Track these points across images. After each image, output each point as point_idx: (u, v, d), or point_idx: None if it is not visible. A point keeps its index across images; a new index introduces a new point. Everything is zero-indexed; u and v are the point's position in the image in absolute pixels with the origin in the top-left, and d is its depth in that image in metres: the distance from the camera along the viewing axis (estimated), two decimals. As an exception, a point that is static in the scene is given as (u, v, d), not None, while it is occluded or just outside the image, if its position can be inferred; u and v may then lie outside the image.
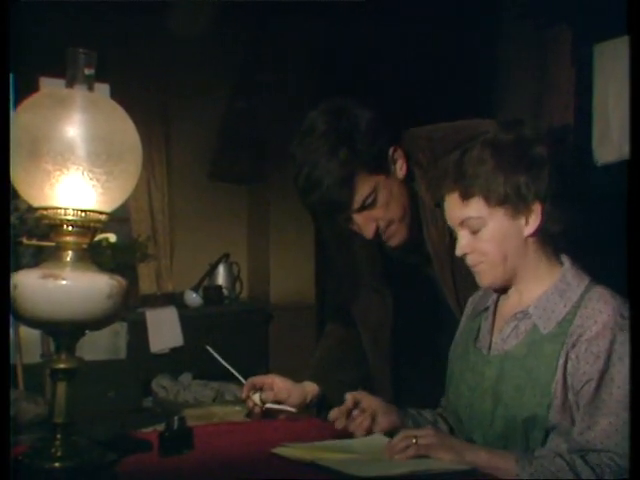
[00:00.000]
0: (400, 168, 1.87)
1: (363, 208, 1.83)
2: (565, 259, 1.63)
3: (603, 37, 3.84)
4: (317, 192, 1.80)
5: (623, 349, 1.47)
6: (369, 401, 1.74)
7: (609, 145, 3.84)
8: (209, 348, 2.03)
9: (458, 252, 1.61)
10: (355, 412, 1.73)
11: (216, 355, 2.01)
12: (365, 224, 1.85)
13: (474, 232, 1.57)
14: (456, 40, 4.57)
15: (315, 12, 4.26)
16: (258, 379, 1.95)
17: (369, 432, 1.70)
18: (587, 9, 3.81)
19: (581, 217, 1.60)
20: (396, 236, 1.89)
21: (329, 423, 1.75)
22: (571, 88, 4.23)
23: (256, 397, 1.93)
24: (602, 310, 1.51)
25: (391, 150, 1.85)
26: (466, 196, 1.55)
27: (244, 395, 1.95)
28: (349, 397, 1.74)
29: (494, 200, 1.54)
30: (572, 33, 4.15)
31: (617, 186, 2.10)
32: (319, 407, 2.00)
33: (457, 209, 1.58)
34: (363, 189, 1.81)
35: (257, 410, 1.93)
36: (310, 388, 2.01)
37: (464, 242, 1.59)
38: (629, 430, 1.41)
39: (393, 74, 4.38)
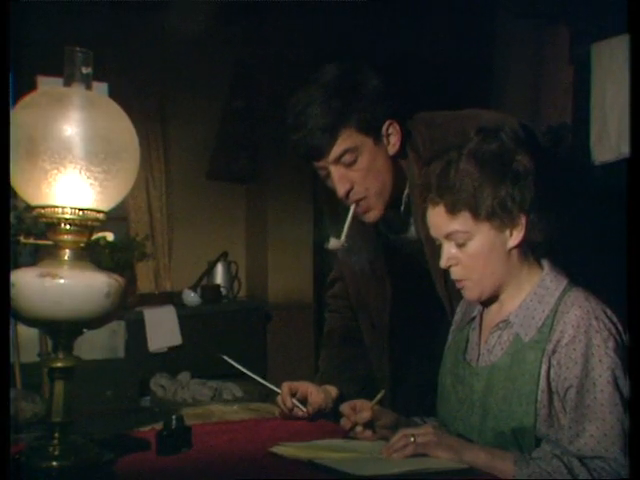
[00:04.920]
0: (393, 144, 1.87)
1: (340, 162, 1.84)
2: (545, 263, 1.62)
3: (601, 36, 3.84)
4: (300, 132, 1.83)
5: (601, 351, 1.46)
6: (386, 418, 1.72)
7: (607, 144, 3.84)
8: (226, 357, 2.04)
9: (443, 264, 1.59)
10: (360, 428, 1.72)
11: (238, 365, 2.03)
12: (340, 180, 1.86)
13: (460, 245, 1.56)
14: (455, 39, 4.58)
15: (314, 10, 4.26)
16: (294, 385, 1.97)
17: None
18: (585, 8, 3.82)
19: (565, 222, 1.60)
20: (371, 212, 1.90)
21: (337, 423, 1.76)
22: (569, 87, 4.23)
23: (295, 401, 1.95)
24: (576, 314, 1.50)
25: (387, 122, 1.86)
26: (453, 210, 1.54)
27: (284, 399, 1.95)
28: (367, 414, 1.70)
29: (481, 214, 1.53)
30: (570, 32, 4.16)
31: (615, 185, 2.10)
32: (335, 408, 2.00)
33: (443, 222, 1.56)
34: (345, 142, 1.82)
35: (301, 413, 1.94)
36: (333, 393, 2.02)
37: (449, 254, 1.58)
38: (629, 431, 1.41)
39: (392, 73, 4.37)
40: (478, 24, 4.75)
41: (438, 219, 1.57)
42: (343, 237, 1.93)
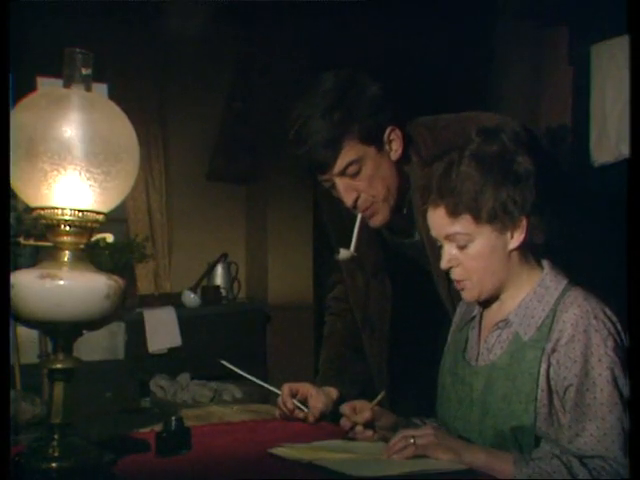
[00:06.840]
0: (395, 150, 1.87)
1: (345, 174, 1.84)
2: (545, 263, 1.62)
3: (600, 37, 3.84)
4: (303, 148, 1.82)
5: (600, 350, 1.46)
6: (386, 419, 1.72)
7: (607, 145, 3.84)
8: (225, 362, 2.04)
9: (443, 265, 1.59)
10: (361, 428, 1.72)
11: (237, 370, 2.03)
12: (346, 192, 1.86)
13: (461, 247, 1.56)
14: (454, 39, 4.58)
15: (314, 10, 4.26)
16: (294, 386, 1.97)
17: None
18: (585, 9, 3.82)
19: (565, 223, 1.60)
20: (377, 216, 1.90)
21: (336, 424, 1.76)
22: (568, 88, 4.24)
23: (296, 402, 1.95)
24: (576, 313, 1.50)
25: (389, 129, 1.85)
26: (454, 213, 1.54)
27: (285, 400, 1.95)
28: (367, 414, 1.71)
29: (483, 217, 1.53)
30: (570, 33, 4.16)
31: (614, 186, 2.10)
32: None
33: (444, 224, 1.56)
34: (348, 154, 1.81)
35: (302, 415, 1.94)
36: (333, 395, 2.02)
37: (450, 255, 1.58)
38: (629, 430, 1.41)
39: (392, 73, 4.38)
40: (478, 25, 4.75)
41: (439, 221, 1.58)
42: (352, 247, 1.93)
